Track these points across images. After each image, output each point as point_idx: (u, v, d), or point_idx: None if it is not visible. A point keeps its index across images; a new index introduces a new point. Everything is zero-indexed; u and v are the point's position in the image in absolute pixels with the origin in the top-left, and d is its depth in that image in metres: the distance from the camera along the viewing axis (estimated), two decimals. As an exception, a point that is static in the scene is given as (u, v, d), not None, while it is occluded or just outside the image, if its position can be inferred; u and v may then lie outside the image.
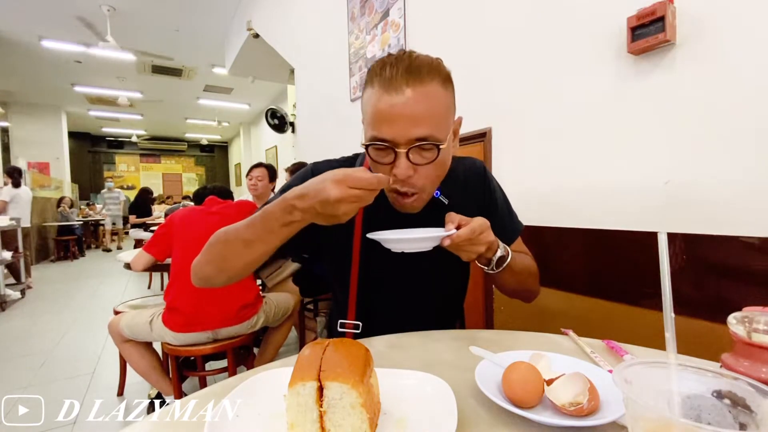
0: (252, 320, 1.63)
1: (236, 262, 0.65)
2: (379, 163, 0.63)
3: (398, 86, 0.59)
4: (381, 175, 0.53)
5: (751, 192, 0.82)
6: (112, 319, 1.66)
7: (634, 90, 1.01)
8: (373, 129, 0.61)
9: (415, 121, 0.59)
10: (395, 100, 0.59)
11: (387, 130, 0.60)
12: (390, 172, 0.62)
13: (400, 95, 0.59)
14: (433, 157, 0.62)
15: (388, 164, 0.62)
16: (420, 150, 0.61)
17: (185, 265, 1.54)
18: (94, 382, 2.14)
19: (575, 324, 0.84)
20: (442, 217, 0.70)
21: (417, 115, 0.59)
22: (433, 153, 0.62)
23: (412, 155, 0.61)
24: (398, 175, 0.61)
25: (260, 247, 0.62)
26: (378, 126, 0.61)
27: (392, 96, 0.59)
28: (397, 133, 0.59)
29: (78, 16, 4.61)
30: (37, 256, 6.29)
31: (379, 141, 0.61)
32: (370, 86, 0.63)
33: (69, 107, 8.73)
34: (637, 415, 0.29)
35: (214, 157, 13.67)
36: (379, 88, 0.61)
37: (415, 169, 0.62)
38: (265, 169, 2.55)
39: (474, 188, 0.81)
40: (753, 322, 0.37)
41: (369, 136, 0.63)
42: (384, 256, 0.70)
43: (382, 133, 0.60)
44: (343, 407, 0.37)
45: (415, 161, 0.61)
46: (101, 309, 3.58)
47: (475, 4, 1.51)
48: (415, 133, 0.59)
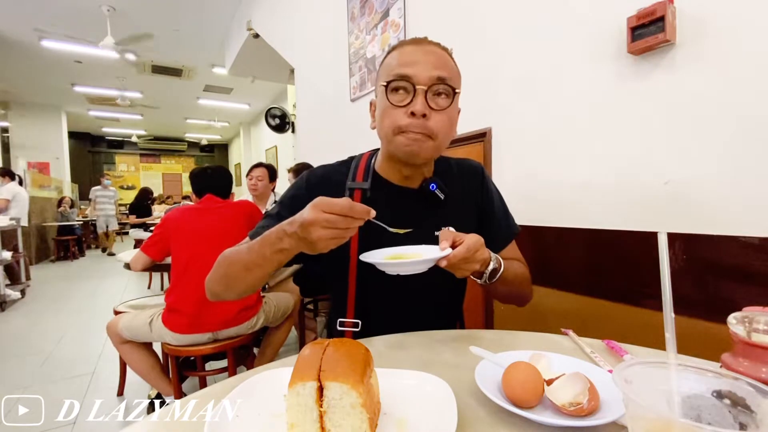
0: (252, 320, 1.63)
1: (240, 283, 0.68)
2: (395, 106, 0.67)
3: (423, 42, 0.70)
4: (358, 204, 0.53)
5: (751, 192, 0.82)
6: (110, 321, 1.66)
7: (634, 90, 1.01)
8: (396, 70, 0.67)
9: (435, 65, 0.66)
10: (420, 48, 0.68)
11: (410, 69, 0.66)
12: (406, 112, 0.66)
13: (424, 46, 0.69)
14: (447, 104, 0.68)
15: (405, 105, 0.67)
16: (437, 95, 0.67)
17: (186, 267, 1.54)
18: (94, 382, 2.14)
19: (575, 324, 0.84)
20: (438, 212, 0.76)
21: (437, 61, 0.67)
22: (448, 100, 0.68)
23: (430, 98, 0.66)
24: (416, 111, 0.65)
25: (258, 272, 0.65)
26: (401, 67, 0.67)
27: (418, 46, 0.69)
28: (419, 71, 0.66)
29: (78, 16, 4.61)
30: (37, 256, 6.30)
31: (400, 77, 0.66)
32: (393, 51, 0.71)
33: (69, 107, 8.72)
34: (637, 415, 0.30)
35: (214, 157, 13.67)
36: (405, 45, 0.70)
37: (430, 112, 0.66)
38: (265, 169, 2.55)
39: (471, 186, 0.83)
40: (753, 322, 0.37)
41: (391, 76, 0.67)
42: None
43: (406, 70, 0.66)
44: (343, 407, 0.37)
45: (431, 104, 0.66)
46: (101, 309, 3.58)
47: (475, 5, 1.51)
48: (435, 73, 0.66)
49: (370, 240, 0.74)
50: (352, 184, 0.78)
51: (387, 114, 0.69)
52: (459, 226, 0.77)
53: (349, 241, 0.76)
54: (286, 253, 0.59)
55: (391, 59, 0.70)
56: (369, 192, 0.77)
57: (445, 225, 0.78)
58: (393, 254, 0.68)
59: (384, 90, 0.68)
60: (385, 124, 0.70)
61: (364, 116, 2.72)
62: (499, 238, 0.83)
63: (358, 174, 0.79)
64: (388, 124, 0.69)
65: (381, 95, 0.70)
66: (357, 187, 0.77)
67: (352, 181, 0.78)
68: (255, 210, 1.80)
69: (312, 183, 0.78)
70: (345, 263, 0.77)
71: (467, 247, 0.59)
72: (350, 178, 0.79)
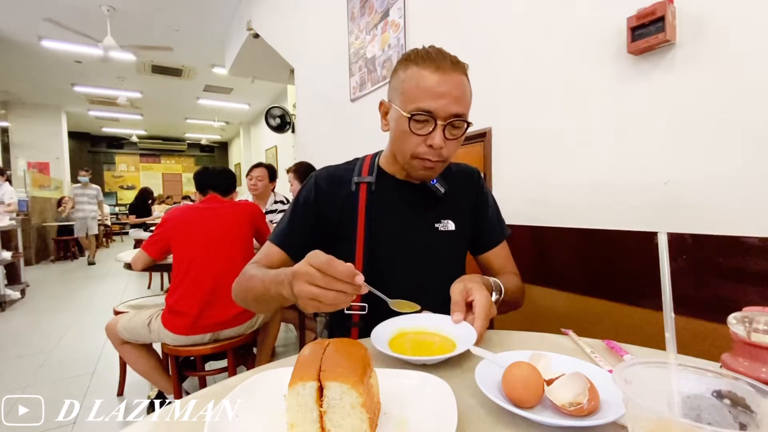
0: (252, 320, 1.63)
1: (254, 307, 0.76)
2: (416, 134, 0.71)
3: (446, 69, 0.69)
4: (340, 263, 0.49)
5: (751, 192, 0.82)
6: (109, 322, 1.66)
7: (634, 90, 1.01)
8: (417, 101, 0.69)
9: (456, 99, 0.69)
10: (444, 79, 0.69)
11: (433, 104, 0.68)
12: (424, 142, 0.71)
13: (448, 76, 0.69)
14: (460, 134, 0.73)
15: (425, 135, 0.71)
16: (453, 126, 0.71)
17: (188, 269, 1.54)
18: (94, 382, 2.14)
19: (575, 324, 0.84)
20: (438, 204, 0.83)
21: (458, 95, 0.70)
22: (461, 130, 0.73)
23: (447, 130, 0.70)
24: (435, 145, 0.70)
25: (268, 304, 0.68)
26: (424, 99, 0.69)
27: (441, 75, 0.69)
28: (441, 107, 0.68)
29: (78, 16, 4.61)
30: (37, 256, 6.29)
31: (424, 112, 0.69)
32: (413, 65, 0.71)
33: (69, 107, 8.72)
34: (637, 415, 0.30)
35: (214, 157, 13.67)
36: (426, 67, 0.69)
37: (446, 143, 0.71)
38: (265, 169, 2.55)
39: (467, 188, 0.89)
40: (753, 322, 0.37)
41: (412, 108, 0.70)
42: (387, 242, 0.80)
43: (429, 105, 0.68)
44: (343, 407, 0.37)
45: (447, 135, 0.71)
46: (101, 309, 3.58)
47: (474, 5, 1.51)
48: (454, 110, 0.69)
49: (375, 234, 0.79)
50: (358, 178, 0.83)
51: (406, 138, 0.73)
52: (455, 220, 0.84)
53: (354, 239, 0.79)
54: (283, 300, 0.59)
55: (413, 80, 0.70)
56: (374, 185, 0.82)
57: (444, 218, 0.84)
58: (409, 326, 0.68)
59: (407, 119, 0.70)
60: (404, 148, 0.75)
61: (364, 116, 2.71)
62: (490, 238, 0.90)
63: (363, 170, 0.84)
64: (406, 149, 0.74)
65: (401, 119, 0.72)
66: (362, 181, 0.82)
67: (358, 176, 0.83)
68: (256, 210, 1.80)
69: (320, 181, 0.83)
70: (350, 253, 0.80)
71: (486, 316, 0.62)
72: (356, 173, 0.84)
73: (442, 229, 0.83)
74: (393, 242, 0.80)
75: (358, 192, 0.81)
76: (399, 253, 0.81)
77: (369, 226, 0.79)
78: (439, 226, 0.83)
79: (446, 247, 0.83)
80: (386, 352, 0.56)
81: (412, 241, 0.81)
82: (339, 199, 0.82)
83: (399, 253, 0.81)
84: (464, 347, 0.57)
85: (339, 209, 0.81)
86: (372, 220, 0.79)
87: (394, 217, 0.81)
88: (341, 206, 0.81)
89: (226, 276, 1.56)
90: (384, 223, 0.80)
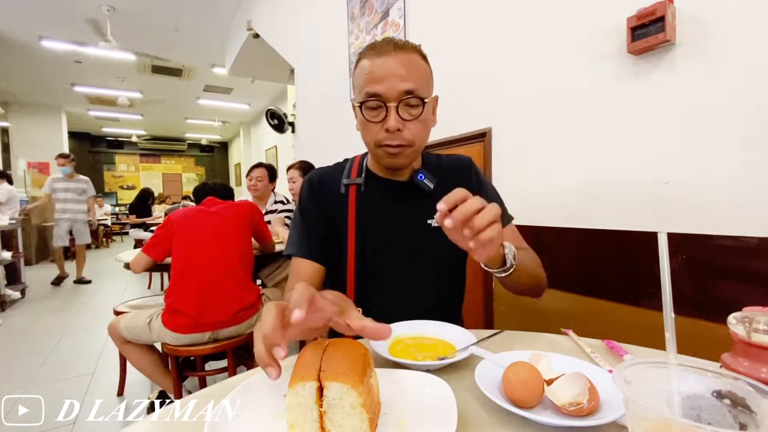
0: (252, 319, 1.63)
1: None
2: (371, 122, 0.71)
3: (386, 51, 0.69)
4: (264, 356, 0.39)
5: (751, 192, 0.82)
6: (111, 322, 1.66)
7: (634, 90, 1.01)
8: (366, 88, 0.69)
9: (401, 77, 0.68)
10: (384, 61, 0.68)
11: (378, 87, 0.68)
12: (381, 128, 0.70)
13: (390, 57, 0.69)
14: (418, 113, 0.70)
15: (380, 122, 0.70)
16: (407, 106, 0.69)
17: (186, 267, 1.54)
18: (94, 382, 2.14)
19: (575, 324, 0.84)
20: (427, 202, 0.78)
21: (403, 73, 0.68)
22: (419, 109, 0.70)
23: (401, 110, 0.69)
24: (389, 127, 0.68)
25: None
26: (370, 84, 0.69)
27: (382, 58, 0.69)
28: (387, 88, 0.68)
29: (78, 16, 4.61)
30: (37, 256, 6.29)
31: (371, 97, 0.68)
32: (362, 59, 0.72)
33: (69, 107, 8.72)
34: (637, 415, 0.29)
35: (214, 157, 13.66)
36: (370, 56, 0.70)
37: (404, 124, 0.69)
38: (265, 170, 2.55)
39: (460, 177, 0.85)
40: (753, 322, 0.37)
41: (363, 95, 0.70)
42: (378, 244, 0.79)
43: (375, 88, 0.68)
44: (343, 407, 0.37)
45: (403, 116, 0.69)
46: (101, 309, 3.58)
47: (474, 5, 1.51)
48: (402, 86, 0.67)
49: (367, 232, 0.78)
50: (347, 180, 0.83)
51: (365, 128, 0.73)
52: None
53: (346, 242, 0.79)
54: None
55: (361, 71, 0.71)
56: (363, 186, 0.81)
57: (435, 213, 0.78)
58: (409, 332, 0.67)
59: (359, 108, 0.71)
60: (366, 137, 0.75)
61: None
62: None
63: (352, 172, 0.84)
64: (368, 138, 0.74)
65: (357, 110, 0.73)
66: (351, 183, 0.82)
67: (347, 178, 0.83)
68: (255, 210, 1.80)
69: (314, 186, 0.84)
70: (342, 256, 0.79)
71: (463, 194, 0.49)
72: (345, 175, 0.84)
73: (435, 225, 0.80)
74: (384, 242, 0.79)
75: (348, 194, 0.81)
76: (390, 252, 0.80)
77: (359, 227, 0.79)
78: (432, 222, 0.80)
79: (439, 244, 0.78)
80: (388, 357, 0.56)
81: (403, 239, 0.80)
82: (330, 201, 0.82)
83: (390, 252, 0.80)
84: (465, 350, 0.57)
85: (330, 211, 0.81)
86: (362, 222, 0.79)
87: (384, 217, 0.80)
88: (332, 208, 0.81)
89: (223, 275, 1.56)
90: (374, 224, 0.80)
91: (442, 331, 0.66)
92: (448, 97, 1.14)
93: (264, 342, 0.38)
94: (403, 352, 0.60)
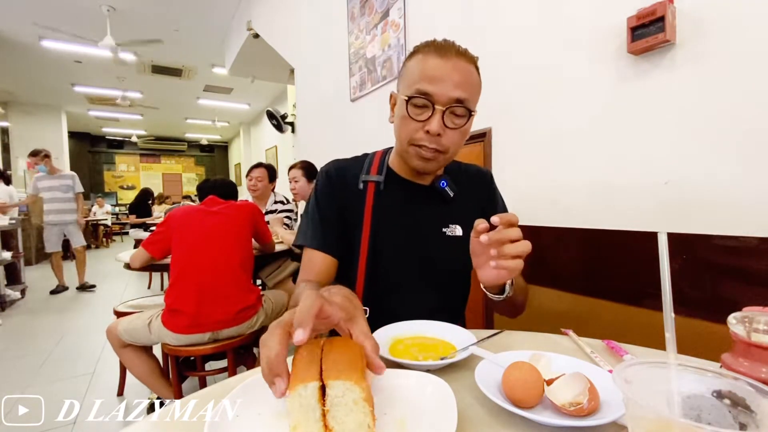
0: (252, 320, 1.63)
1: None
2: (414, 119, 0.69)
3: (448, 54, 0.67)
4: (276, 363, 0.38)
5: (751, 192, 0.82)
6: (110, 325, 1.65)
7: (634, 90, 1.01)
8: (416, 84, 0.67)
9: (456, 83, 0.66)
10: (446, 63, 0.67)
11: (432, 87, 0.66)
12: (422, 128, 0.68)
13: (450, 61, 0.67)
14: (462, 123, 0.69)
15: (423, 121, 0.68)
16: (453, 114, 0.68)
17: (186, 267, 1.54)
18: (94, 382, 2.14)
19: (575, 324, 0.84)
20: (447, 208, 0.80)
21: (460, 80, 0.66)
22: (463, 120, 0.69)
23: (447, 116, 0.67)
24: (431, 129, 0.67)
25: None
26: (423, 82, 0.67)
27: (443, 60, 0.67)
28: (440, 90, 0.66)
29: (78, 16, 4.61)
30: (37, 256, 6.29)
31: (422, 95, 0.66)
32: (418, 54, 0.70)
33: (69, 107, 8.72)
34: (637, 415, 0.30)
35: (214, 157, 13.66)
36: (431, 53, 0.68)
37: (445, 131, 0.68)
38: (264, 170, 2.55)
39: (479, 189, 0.86)
40: (753, 322, 0.37)
41: (410, 91, 0.68)
42: (392, 245, 0.77)
43: (427, 88, 0.66)
44: (346, 404, 0.37)
45: (447, 123, 0.68)
46: (101, 309, 3.58)
47: (474, 5, 1.51)
48: (455, 94, 0.66)
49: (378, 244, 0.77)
50: (366, 177, 0.80)
51: (404, 124, 0.71)
52: (464, 224, 0.81)
53: (359, 240, 0.77)
54: None
55: (416, 65, 0.69)
56: (382, 185, 0.79)
57: (452, 222, 0.81)
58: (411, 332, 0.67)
59: (404, 102, 0.69)
60: (402, 133, 0.72)
61: (365, 116, 2.70)
62: None
63: (372, 168, 0.82)
64: (404, 134, 0.72)
65: (401, 103, 0.70)
66: (371, 180, 0.80)
67: (367, 174, 0.81)
68: (256, 210, 1.80)
69: (332, 178, 0.81)
70: (354, 256, 0.78)
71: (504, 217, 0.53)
72: (364, 171, 0.81)
73: (450, 234, 0.80)
74: (397, 244, 0.78)
75: (366, 190, 0.79)
76: (402, 256, 0.79)
77: (374, 226, 0.77)
78: (447, 231, 0.80)
79: (452, 254, 0.79)
80: (388, 357, 0.56)
81: (417, 243, 0.78)
82: (347, 195, 0.79)
83: (402, 256, 0.79)
84: (466, 350, 0.57)
85: (347, 206, 0.79)
86: (377, 221, 0.77)
87: (401, 219, 0.78)
88: (349, 203, 0.79)
89: (223, 274, 1.56)
90: (390, 224, 0.78)
91: (442, 331, 0.66)
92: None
93: (269, 367, 0.38)
94: (403, 352, 0.60)
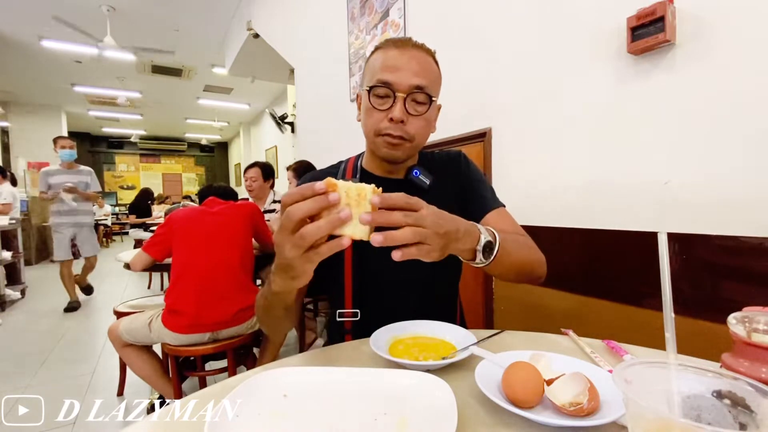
0: (252, 320, 1.63)
1: (267, 322, 0.70)
2: (377, 109, 0.71)
3: (406, 46, 0.72)
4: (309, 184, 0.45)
5: (751, 192, 0.82)
6: (111, 325, 1.65)
7: (634, 90, 1.01)
8: (378, 75, 0.70)
9: (416, 72, 0.70)
10: (402, 53, 0.71)
11: (391, 76, 0.69)
12: (386, 117, 0.71)
13: (407, 51, 0.71)
14: (424, 111, 0.71)
15: (386, 110, 0.71)
16: (415, 101, 0.71)
17: (186, 267, 1.54)
18: (94, 382, 2.14)
19: (575, 324, 0.84)
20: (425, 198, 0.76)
21: (418, 69, 0.70)
22: (425, 107, 0.71)
23: (408, 103, 0.70)
24: (394, 117, 0.69)
25: (274, 310, 0.62)
26: (383, 72, 0.70)
27: (400, 51, 0.71)
28: (399, 79, 0.69)
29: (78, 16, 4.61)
30: (37, 256, 6.29)
31: (382, 83, 0.69)
32: (378, 50, 0.74)
33: (69, 107, 8.71)
34: (637, 415, 0.29)
35: (214, 157, 13.66)
36: (389, 47, 0.72)
37: (408, 118, 0.70)
38: (258, 169, 2.54)
39: (453, 171, 0.86)
40: (753, 322, 0.37)
41: (374, 81, 0.71)
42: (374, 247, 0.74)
43: (387, 77, 0.69)
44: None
45: (410, 110, 0.70)
46: (101, 309, 3.58)
47: (474, 5, 1.51)
48: (414, 81, 0.69)
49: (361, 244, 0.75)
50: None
51: (369, 115, 0.74)
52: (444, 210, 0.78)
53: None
54: (280, 296, 0.56)
55: (376, 60, 0.73)
56: None
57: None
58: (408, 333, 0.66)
59: (367, 93, 0.72)
60: (367, 124, 0.75)
61: (364, 116, 2.67)
62: (476, 207, 0.81)
63: (347, 172, 0.84)
64: (369, 126, 0.74)
65: (364, 96, 0.74)
66: None
67: (342, 178, 0.83)
68: (256, 210, 1.80)
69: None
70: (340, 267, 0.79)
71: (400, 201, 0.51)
72: (339, 175, 0.84)
73: None
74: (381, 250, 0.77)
75: None
76: (386, 252, 0.79)
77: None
78: None
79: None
80: (388, 357, 0.56)
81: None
82: None
83: (386, 252, 0.79)
84: (466, 350, 0.57)
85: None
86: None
87: None
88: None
89: (223, 275, 1.56)
90: None
91: (442, 331, 0.66)
92: (448, 97, 1.14)
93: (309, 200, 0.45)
94: (403, 352, 0.60)
